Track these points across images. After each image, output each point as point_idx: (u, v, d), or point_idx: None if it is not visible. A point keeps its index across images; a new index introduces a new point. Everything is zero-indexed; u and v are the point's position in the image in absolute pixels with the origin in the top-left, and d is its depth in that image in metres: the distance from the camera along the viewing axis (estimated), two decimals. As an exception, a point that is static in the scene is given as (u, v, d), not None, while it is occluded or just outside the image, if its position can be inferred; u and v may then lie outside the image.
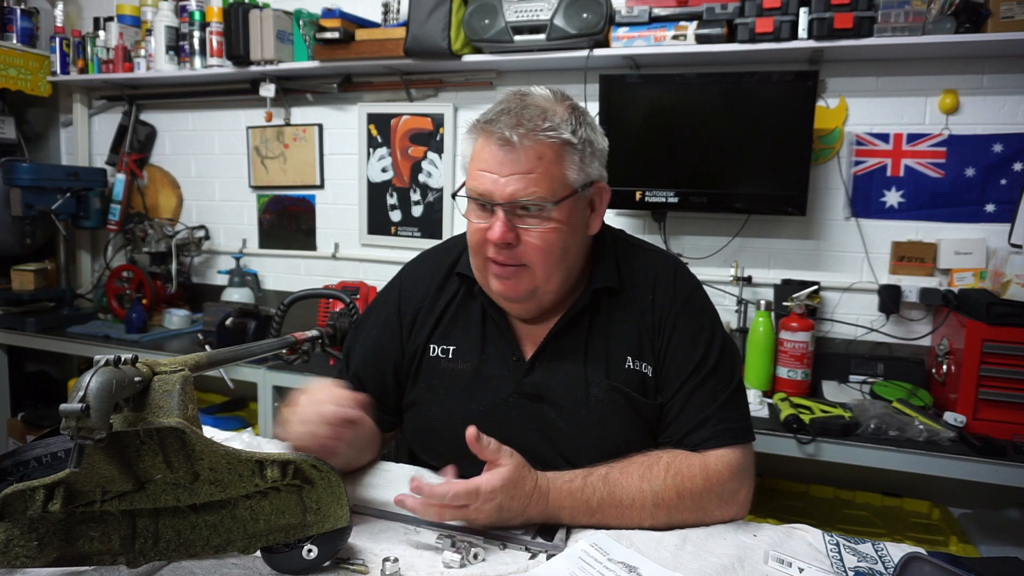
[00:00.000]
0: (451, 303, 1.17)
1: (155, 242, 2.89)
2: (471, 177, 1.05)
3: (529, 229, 1.02)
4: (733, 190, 2.17)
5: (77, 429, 0.62)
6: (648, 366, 1.08)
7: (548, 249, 1.03)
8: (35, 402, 3.09)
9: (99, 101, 3.24)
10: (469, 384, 1.12)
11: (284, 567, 0.80)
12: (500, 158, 1.00)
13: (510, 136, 0.99)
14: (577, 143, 1.03)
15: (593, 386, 1.07)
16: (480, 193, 1.03)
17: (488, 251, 1.04)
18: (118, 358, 0.69)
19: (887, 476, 2.08)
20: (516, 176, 1.00)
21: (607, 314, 1.11)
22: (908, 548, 0.91)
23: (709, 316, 1.12)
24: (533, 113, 1.01)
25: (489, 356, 1.13)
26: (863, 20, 1.92)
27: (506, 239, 1.01)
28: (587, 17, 2.14)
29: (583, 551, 0.86)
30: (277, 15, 2.57)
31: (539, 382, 1.10)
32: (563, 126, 1.02)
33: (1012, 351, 1.75)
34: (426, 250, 1.29)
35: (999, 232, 2.06)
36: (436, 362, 1.15)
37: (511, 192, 1.00)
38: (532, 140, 0.99)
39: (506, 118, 1.01)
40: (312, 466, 0.77)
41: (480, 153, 1.04)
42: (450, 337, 1.15)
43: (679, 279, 1.13)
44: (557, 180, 1.01)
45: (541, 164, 1.00)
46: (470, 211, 1.07)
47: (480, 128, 1.04)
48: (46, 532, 0.76)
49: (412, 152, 2.71)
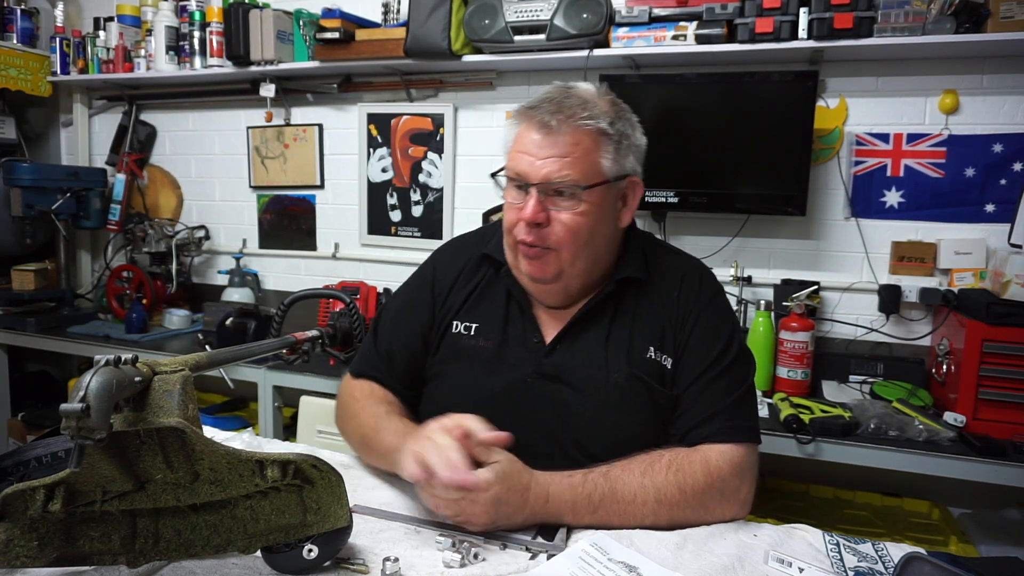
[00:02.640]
0: (479, 284, 1.20)
1: (155, 242, 2.89)
2: (510, 159, 1.09)
3: (560, 212, 1.05)
4: (733, 190, 2.17)
5: (77, 429, 0.62)
6: (668, 358, 1.10)
7: (575, 232, 1.06)
8: (35, 402, 3.09)
9: (99, 101, 3.24)
10: (490, 362, 1.13)
11: (284, 567, 0.80)
12: (538, 141, 1.05)
13: (549, 121, 1.04)
14: (613, 134, 1.07)
15: (613, 372, 1.09)
16: (517, 173, 1.07)
17: (519, 232, 1.07)
18: (118, 358, 0.69)
19: (887, 476, 2.08)
20: (552, 159, 1.04)
21: (632, 304, 1.13)
22: (908, 548, 0.91)
23: (730, 318, 1.15)
24: (574, 102, 1.06)
25: (510, 337, 1.15)
26: (863, 20, 1.92)
27: (537, 219, 1.04)
28: (587, 17, 2.14)
29: (583, 551, 0.86)
30: (277, 15, 2.57)
31: (559, 363, 1.11)
32: (601, 117, 1.06)
33: (1012, 351, 1.76)
34: (460, 235, 1.34)
35: (999, 232, 2.06)
36: (457, 338, 1.17)
37: (545, 174, 1.04)
38: (570, 126, 1.04)
39: (548, 105, 1.05)
40: (312, 466, 0.77)
41: (521, 137, 1.08)
42: (474, 315, 1.18)
43: (705, 280, 1.16)
44: (590, 167, 1.05)
45: (576, 150, 1.04)
46: (507, 192, 1.11)
47: (523, 114, 1.09)
48: (46, 532, 0.76)
49: (412, 152, 2.71)
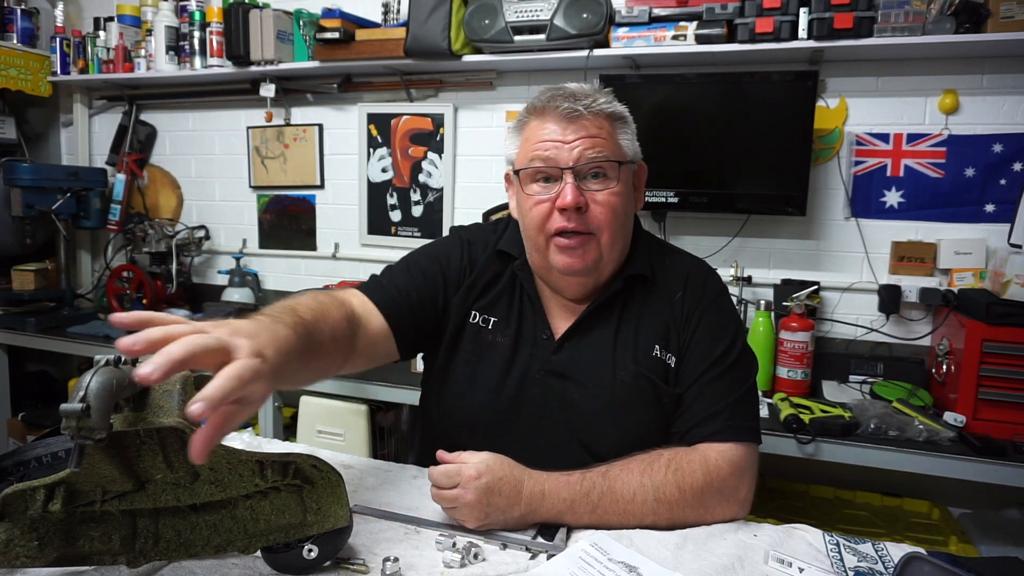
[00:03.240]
0: (498, 276, 1.19)
1: (155, 242, 2.89)
2: (530, 154, 1.07)
3: (595, 194, 1.06)
4: (733, 190, 2.17)
5: (77, 429, 0.62)
6: (672, 357, 1.10)
7: (614, 212, 1.06)
8: (35, 402, 3.09)
9: (99, 101, 3.24)
10: (506, 359, 1.13)
11: (284, 567, 0.80)
12: (563, 127, 1.05)
13: (574, 106, 1.04)
14: (627, 117, 1.12)
15: (620, 370, 1.09)
16: (545, 159, 1.05)
17: (554, 223, 1.06)
18: (118, 358, 0.69)
19: (887, 476, 2.08)
20: (582, 140, 1.04)
21: (639, 302, 1.13)
22: (908, 548, 0.91)
23: (733, 319, 1.15)
24: (585, 91, 1.08)
25: (523, 333, 1.15)
26: (863, 20, 1.92)
27: (578, 202, 1.03)
28: (587, 17, 2.14)
29: (583, 551, 0.86)
30: (277, 15, 2.57)
31: (567, 360, 1.11)
32: (615, 103, 1.10)
33: (1012, 351, 1.75)
34: (475, 223, 1.32)
35: (999, 232, 2.06)
36: (476, 330, 1.16)
37: (578, 154, 1.04)
38: (594, 111, 1.06)
39: (561, 99, 1.06)
40: (312, 466, 0.77)
41: (538, 131, 1.07)
42: (494, 309, 1.17)
43: (709, 281, 1.16)
44: (617, 147, 1.08)
45: (602, 132, 1.06)
46: (528, 189, 1.09)
47: (534, 112, 1.09)
48: (46, 532, 0.76)
49: (412, 152, 2.71)
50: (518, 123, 1.12)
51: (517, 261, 1.16)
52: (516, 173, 1.11)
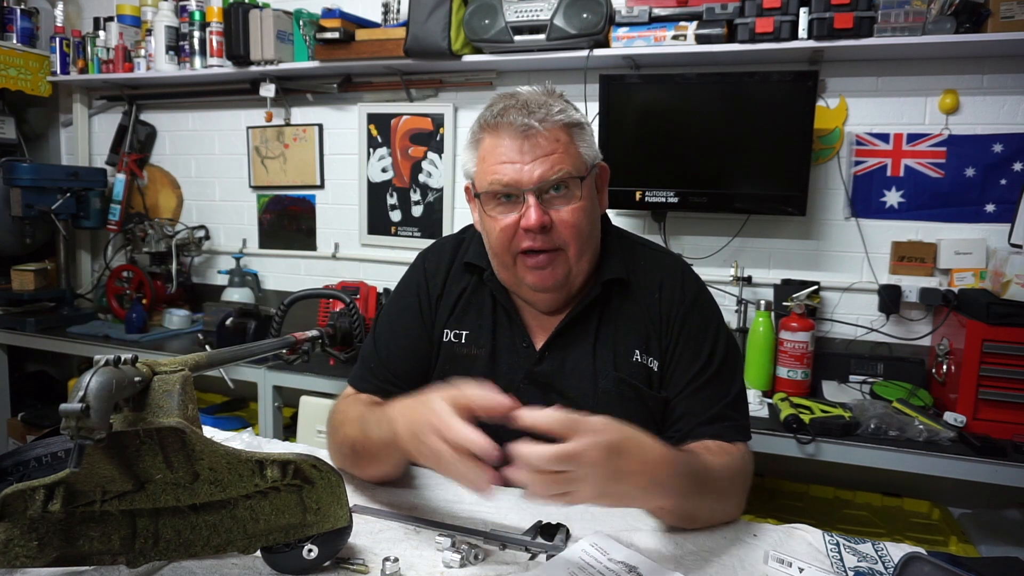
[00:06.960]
0: (464, 290, 1.17)
1: (155, 242, 2.89)
2: (488, 175, 1.04)
3: (559, 210, 1.03)
4: (733, 190, 2.17)
5: (77, 429, 0.62)
6: (654, 360, 1.09)
7: (579, 227, 1.04)
8: (35, 402, 3.09)
9: (99, 101, 3.24)
10: (483, 371, 1.12)
11: (284, 567, 0.80)
12: (519, 146, 1.02)
13: (528, 122, 1.01)
14: (581, 123, 1.08)
15: (601, 378, 1.08)
16: (506, 184, 1.02)
17: (520, 243, 1.04)
18: (118, 358, 0.69)
19: (887, 476, 2.08)
20: (540, 159, 1.01)
21: (616, 306, 1.12)
22: (908, 548, 0.91)
23: (715, 317, 1.14)
24: (538, 103, 1.04)
25: (499, 343, 1.14)
26: (863, 20, 1.92)
27: (543, 222, 1.01)
28: (587, 17, 2.14)
29: (583, 551, 0.86)
30: (277, 15, 2.57)
31: (549, 371, 1.11)
32: (569, 109, 1.06)
33: (1012, 351, 1.75)
34: (441, 238, 1.30)
35: (999, 232, 2.06)
36: (450, 347, 1.15)
37: (539, 175, 1.01)
38: (548, 124, 1.02)
39: (514, 112, 1.02)
40: (312, 466, 0.77)
41: (494, 150, 1.04)
42: (463, 322, 1.16)
43: (686, 280, 1.14)
44: (576, 159, 1.04)
45: (560, 145, 1.03)
46: (492, 209, 1.06)
47: (488, 127, 1.05)
48: (46, 532, 0.76)
49: (412, 152, 2.71)
50: (472, 138, 1.08)
51: (486, 272, 1.14)
52: (476, 196, 1.09)
